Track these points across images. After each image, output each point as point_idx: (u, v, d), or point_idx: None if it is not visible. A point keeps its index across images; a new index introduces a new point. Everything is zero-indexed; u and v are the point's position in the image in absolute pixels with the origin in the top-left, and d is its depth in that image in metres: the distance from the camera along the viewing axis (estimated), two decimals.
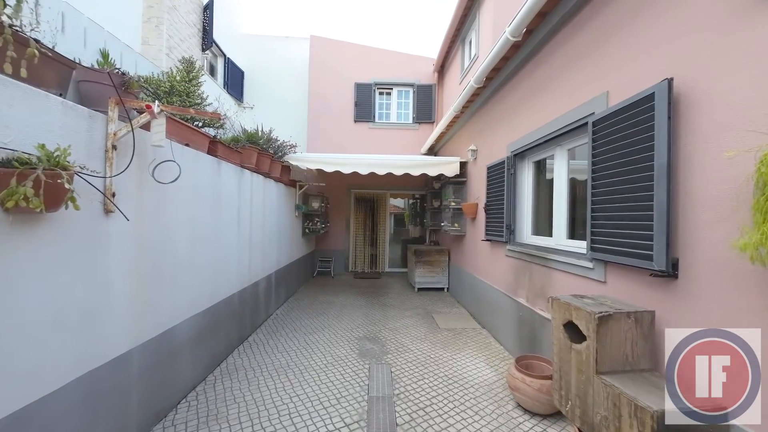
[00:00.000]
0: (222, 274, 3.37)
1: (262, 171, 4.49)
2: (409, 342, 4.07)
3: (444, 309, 5.55)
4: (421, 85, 8.70)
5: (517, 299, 3.64)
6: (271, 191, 4.93)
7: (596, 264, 2.38)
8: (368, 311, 5.34)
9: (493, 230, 4.27)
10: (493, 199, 4.32)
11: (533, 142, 3.42)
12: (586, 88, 2.56)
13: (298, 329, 4.44)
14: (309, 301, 5.92)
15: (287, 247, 5.86)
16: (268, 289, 4.84)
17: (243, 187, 3.88)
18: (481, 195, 4.87)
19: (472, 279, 5.23)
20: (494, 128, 4.46)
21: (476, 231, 5.11)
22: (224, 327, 3.41)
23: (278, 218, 5.30)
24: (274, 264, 5.13)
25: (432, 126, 8.63)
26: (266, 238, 4.74)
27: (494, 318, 4.28)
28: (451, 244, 6.66)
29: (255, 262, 4.30)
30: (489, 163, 4.49)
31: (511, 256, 3.81)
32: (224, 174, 3.38)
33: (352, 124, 8.68)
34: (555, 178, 3.20)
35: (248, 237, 4.05)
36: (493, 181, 4.33)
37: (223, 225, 3.39)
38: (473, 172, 5.37)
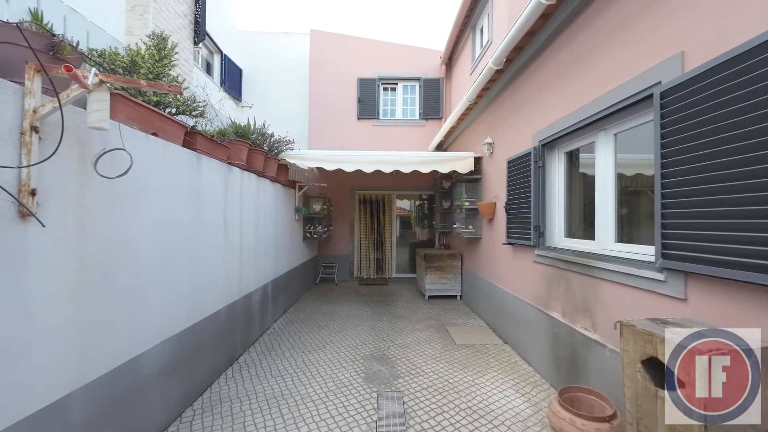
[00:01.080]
0: (205, 287, 2.89)
1: (255, 169, 4.02)
2: (423, 362, 3.55)
3: (459, 320, 5.02)
4: (428, 79, 8.21)
5: (549, 313, 3.11)
6: (266, 192, 4.46)
7: (670, 276, 1.84)
8: (375, 323, 4.83)
9: (517, 232, 3.73)
10: (516, 197, 3.79)
11: (566, 128, 2.90)
12: (646, 53, 2.03)
13: (297, 346, 3.94)
14: (310, 312, 5.42)
15: (286, 254, 5.37)
16: (264, 301, 4.35)
17: (231, 186, 3.40)
18: (500, 193, 4.34)
19: (489, 287, 4.69)
20: (516, 116, 3.93)
21: (494, 233, 4.58)
22: (207, 349, 2.93)
23: (275, 222, 4.82)
24: (271, 273, 4.65)
25: (440, 122, 8.12)
26: (261, 244, 4.26)
27: (519, 332, 3.74)
28: (464, 247, 6.13)
29: (247, 272, 3.81)
30: (510, 157, 3.97)
31: (541, 262, 3.28)
32: (206, 171, 2.91)
33: (356, 121, 8.21)
34: (598, 170, 2.67)
35: (238, 243, 3.57)
36: (515, 176, 3.80)
37: (206, 230, 2.91)
38: (489, 168, 4.85)
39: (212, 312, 3.01)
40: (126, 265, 1.98)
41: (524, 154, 3.58)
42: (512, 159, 3.88)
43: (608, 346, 2.32)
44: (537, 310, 3.33)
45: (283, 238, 5.26)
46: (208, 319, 2.93)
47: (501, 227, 4.29)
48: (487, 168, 4.94)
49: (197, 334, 2.76)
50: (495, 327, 4.49)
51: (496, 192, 4.53)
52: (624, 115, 2.33)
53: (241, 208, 3.66)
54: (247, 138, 3.63)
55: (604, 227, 2.60)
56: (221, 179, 3.19)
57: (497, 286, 4.42)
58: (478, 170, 5.22)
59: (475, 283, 5.45)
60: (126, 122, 1.99)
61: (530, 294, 3.51)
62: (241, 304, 3.65)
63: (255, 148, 3.95)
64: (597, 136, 2.69)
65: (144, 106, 2.05)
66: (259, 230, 4.21)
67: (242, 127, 3.56)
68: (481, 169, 5.19)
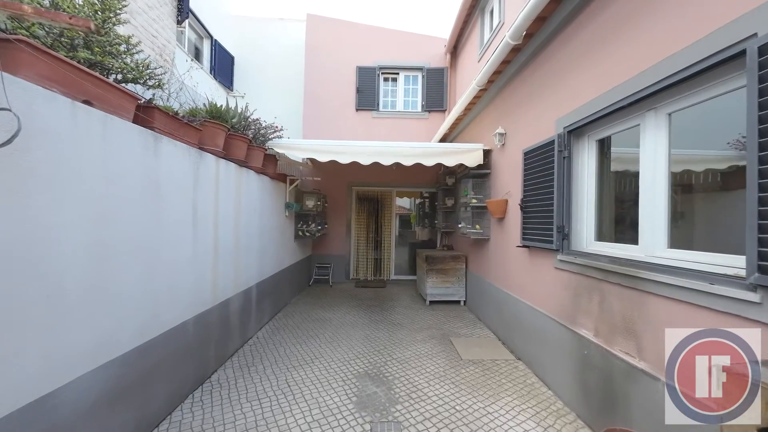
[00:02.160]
0: (165, 296, 2.40)
1: (235, 158, 3.52)
2: (425, 382, 3.06)
3: (464, 330, 4.53)
4: (432, 68, 7.71)
5: (576, 330, 2.62)
6: (249, 185, 3.96)
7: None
8: (371, 333, 4.34)
9: (535, 234, 3.25)
10: (534, 193, 3.31)
11: (601, 110, 2.41)
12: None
13: (281, 360, 3.45)
14: (300, 318, 4.93)
15: (274, 254, 4.88)
16: (246, 307, 3.86)
17: (203, 175, 2.91)
18: (514, 189, 3.86)
19: (499, 294, 4.21)
20: (535, 101, 3.44)
21: (506, 234, 4.09)
22: (168, 369, 2.44)
23: (260, 218, 4.33)
24: (255, 275, 4.16)
25: (444, 115, 7.63)
26: (242, 243, 3.76)
27: (536, 348, 3.26)
28: (469, 249, 5.64)
29: (224, 275, 3.32)
30: (526, 147, 3.48)
31: (566, 269, 2.79)
32: (168, 156, 2.41)
33: (354, 112, 7.71)
34: (644, 159, 2.18)
35: (212, 243, 3.07)
36: (533, 169, 3.32)
37: (168, 227, 2.42)
38: (500, 161, 4.36)
39: (175, 324, 2.52)
40: (30, 277, 1.48)
41: (545, 144, 3.09)
42: (529, 150, 3.39)
43: (662, 379, 1.83)
44: (560, 325, 2.85)
45: (271, 236, 4.77)
46: (169, 334, 2.43)
47: (514, 228, 3.80)
48: (498, 161, 4.45)
49: (153, 353, 2.26)
50: (505, 339, 4.01)
51: (508, 188, 4.05)
52: (688, 87, 1.84)
53: (217, 202, 3.17)
54: (225, 121, 3.13)
55: (652, 229, 2.11)
56: (190, 166, 2.70)
57: (508, 293, 3.94)
58: (487, 164, 4.73)
59: (481, 288, 4.97)
60: (40, 82, 1.49)
61: (551, 305, 3.03)
62: (216, 313, 3.16)
63: (235, 133, 3.45)
64: (643, 118, 2.19)
65: (66, 62, 1.55)
66: (240, 227, 3.71)
67: (218, 107, 3.06)
68: (490, 162, 4.70)
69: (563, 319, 2.82)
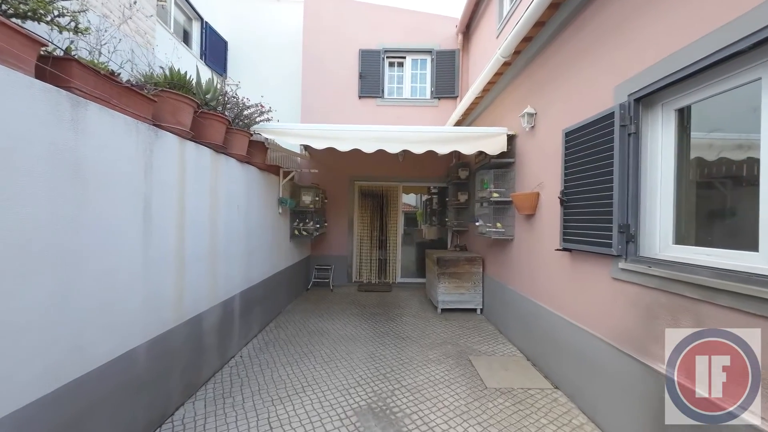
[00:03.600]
0: (94, 320, 1.77)
1: (210, 141, 2.89)
2: (443, 423, 2.41)
3: (483, 345, 3.87)
4: (442, 51, 7.01)
5: (650, 364, 1.95)
6: (231, 176, 3.33)
7: None
8: (375, 349, 3.70)
9: (582, 234, 2.57)
10: (580, 183, 2.63)
11: (689, 66, 1.74)
12: None
13: (265, 389, 2.82)
14: (294, 329, 4.31)
15: (264, 256, 4.26)
16: (227, 321, 3.24)
17: (160, 160, 2.27)
18: (548, 179, 3.18)
19: (527, 305, 3.54)
20: (581, 65, 2.75)
21: (536, 234, 3.42)
22: (103, 415, 1.81)
23: (246, 216, 3.70)
24: (240, 282, 3.53)
25: (455, 102, 6.94)
26: (222, 246, 3.14)
27: (581, 378, 2.59)
28: (487, 250, 4.97)
29: (194, 286, 2.70)
30: (569, 126, 2.80)
31: (633, 281, 2.12)
32: (96, 128, 1.77)
33: (356, 100, 7.05)
34: (767, 128, 1.51)
35: (175, 247, 2.44)
36: (580, 152, 2.63)
37: (98, 229, 1.79)
38: (528, 147, 3.68)
39: (114, 356, 1.89)
40: None
41: (599, 119, 2.40)
42: (574, 129, 2.71)
43: None
44: (621, 354, 2.18)
45: (261, 236, 4.14)
46: (103, 370, 1.81)
47: (549, 226, 3.13)
48: (525, 148, 3.76)
49: (73, 399, 1.64)
50: (535, 359, 3.34)
51: (539, 179, 3.36)
52: None
53: (183, 195, 2.53)
54: (190, 92, 2.49)
55: None
56: (137, 147, 2.06)
57: (540, 305, 3.26)
58: (511, 152, 4.04)
59: (502, 296, 4.30)
60: None
61: (606, 326, 2.36)
62: (183, 333, 2.54)
63: (209, 111, 2.82)
64: (765, 70, 1.51)
65: None
66: (218, 226, 3.08)
67: (180, 74, 2.41)
68: (514, 150, 4.01)
69: (627, 345, 2.15)
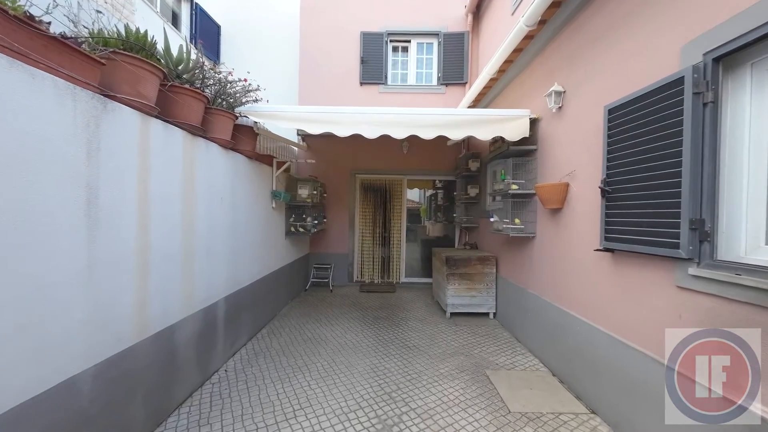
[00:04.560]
0: (14, 344, 1.34)
1: (183, 122, 2.43)
2: None
3: (501, 356, 3.42)
4: (449, 33, 6.50)
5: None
6: (212, 163, 2.88)
7: None
8: (378, 362, 3.26)
9: (634, 231, 2.11)
10: (630, 169, 2.15)
11: None
12: None
13: (250, 414, 2.39)
14: (289, 336, 3.87)
15: (254, 256, 3.81)
16: (207, 331, 2.80)
17: (111, 139, 1.82)
18: (581, 166, 2.71)
19: (553, 313, 3.09)
20: (630, 27, 2.26)
21: (564, 231, 2.96)
22: None
23: (232, 210, 3.25)
24: (225, 285, 3.10)
25: (464, 88, 6.44)
26: (200, 244, 2.70)
27: (631, 404, 2.13)
28: (501, 249, 4.51)
29: (163, 292, 2.26)
30: (613, 102, 2.32)
31: (710, 292, 1.65)
32: (6, 87, 1.33)
33: (357, 87, 6.57)
34: None
35: (135, 246, 2.00)
36: (630, 132, 2.16)
37: (15, 222, 1.35)
38: (554, 131, 3.20)
39: (41, 391, 1.46)
40: None
41: (659, 88, 1.92)
42: (621, 104, 2.23)
43: None
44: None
45: (251, 232, 3.70)
46: (19, 412, 1.37)
47: (583, 222, 2.67)
48: (550, 132, 3.29)
49: None
50: (564, 376, 2.90)
51: (569, 167, 2.89)
52: None
53: (147, 183, 2.08)
54: (153, 58, 2.02)
55: None
56: (74, 120, 1.61)
57: (573, 315, 2.81)
58: (532, 138, 3.57)
59: (519, 300, 3.85)
60: None
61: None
62: (147, 351, 2.10)
63: (181, 85, 2.36)
64: None
65: None
66: (195, 221, 2.64)
67: (139, 34, 1.95)
68: (536, 136, 3.54)
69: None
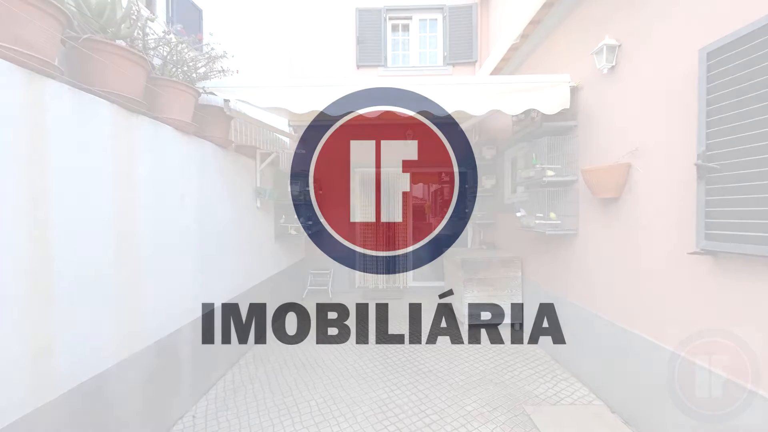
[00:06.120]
0: None
1: (110, 90, 1.76)
2: None
3: (540, 385, 2.75)
4: (456, 6, 5.79)
5: None
6: (167, 150, 2.21)
7: None
8: (388, 395, 2.60)
9: (759, 226, 1.42)
10: (746, 135, 1.46)
11: None
12: None
13: None
14: (278, 362, 3.21)
15: (234, 265, 3.15)
16: (163, 371, 2.14)
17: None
18: (652, 140, 2.02)
19: (611, 333, 2.40)
20: None
21: (625, 226, 2.27)
22: None
23: (200, 209, 2.58)
24: (188, 307, 2.43)
25: (473, 68, 5.74)
26: (146, 255, 2.03)
27: None
28: (527, 248, 3.82)
29: (83, 328, 1.60)
30: (713, 42, 1.62)
31: None
32: None
33: (354, 70, 5.88)
34: None
35: (24, 266, 1.34)
36: (744, 81, 1.46)
37: None
38: (605, 100, 2.51)
39: None
40: None
41: None
42: (736, 39, 1.53)
43: None
44: None
45: (228, 236, 3.04)
46: None
47: (657, 214, 1.98)
48: (597, 102, 2.59)
49: None
50: (630, 415, 2.21)
51: (631, 143, 2.20)
52: None
53: (43, 174, 1.42)
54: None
55: None
56: None
57: (646, 338, 2.12)
58: (571, 112, 2.87)
59: (555, 311, 3.16)
60: None
61: None
62: (53, 418, 1.44)
63: (103, 39, 1.69)
64: None
65: None
66: (137, 226, 1.97)
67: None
68: (576, 108, 2.85)
69: None
